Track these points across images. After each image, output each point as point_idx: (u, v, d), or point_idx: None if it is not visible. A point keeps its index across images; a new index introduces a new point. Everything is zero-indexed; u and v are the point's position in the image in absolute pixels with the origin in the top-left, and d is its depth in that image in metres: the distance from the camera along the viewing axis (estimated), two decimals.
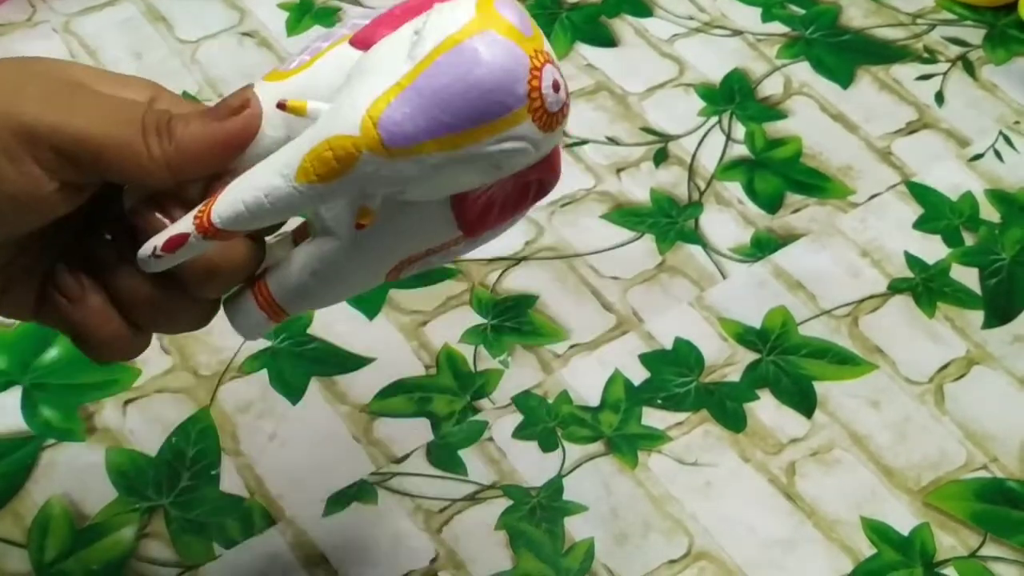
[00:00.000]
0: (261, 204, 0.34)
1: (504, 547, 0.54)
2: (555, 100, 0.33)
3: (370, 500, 0.55)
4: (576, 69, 0.74)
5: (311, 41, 0.37)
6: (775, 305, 0.63)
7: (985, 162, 0.70)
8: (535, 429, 0.58)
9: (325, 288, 0.38)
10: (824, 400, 0.59)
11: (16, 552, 0.53)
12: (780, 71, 0.74)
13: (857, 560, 0.54)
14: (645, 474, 0.57)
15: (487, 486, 0.56)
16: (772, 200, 0.68)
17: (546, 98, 0.33)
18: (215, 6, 0.76)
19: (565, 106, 0.34)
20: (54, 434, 0.57)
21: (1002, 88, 0.74)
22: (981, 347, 0.62)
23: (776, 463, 0.57)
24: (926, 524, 0.55)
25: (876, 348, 0.62)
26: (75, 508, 0.54)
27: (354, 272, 0.38)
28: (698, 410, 0.59)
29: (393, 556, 0.53)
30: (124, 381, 0.58)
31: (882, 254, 0.66)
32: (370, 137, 0.32)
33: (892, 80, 0.74)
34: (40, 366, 0.59)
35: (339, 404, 0.58)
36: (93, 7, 0.75)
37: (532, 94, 0.33)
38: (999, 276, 0.65)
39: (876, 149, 0.71)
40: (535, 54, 0.33)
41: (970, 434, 0.59)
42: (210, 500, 0.55)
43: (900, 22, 0.78)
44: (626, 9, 0.77)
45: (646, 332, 0.62)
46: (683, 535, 0.55)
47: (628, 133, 0.70)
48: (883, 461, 0.58)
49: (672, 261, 0.65)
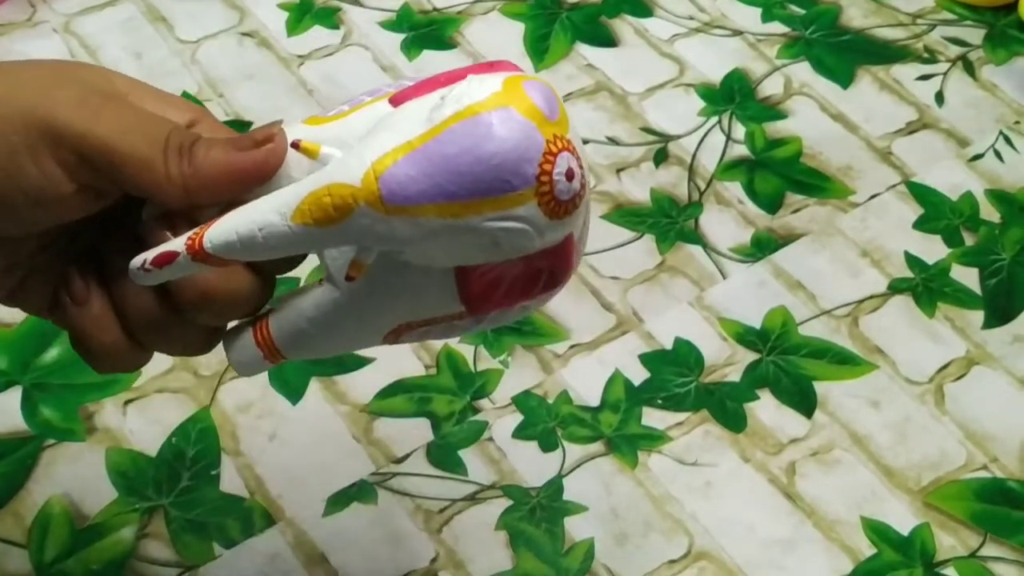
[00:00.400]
0: (254, 237, 0.34)
1: (504, 547, 0.54)
2: (566, 188, 0.33)
3: (370, 500, 0.55)
4: (576, 69, 0.74)
5: (358, 94, 0.37)
6: (775, 305, 0.63)
7: (985, 162, 0.70)
8: (535, 429, 0.58)
9: (320, 337, 0.38)
10: (824, 400, 0.59)
11: (16, 552, 0.53)
12: (780, 71, 0.74)
13: (857, 560, 0.54)
14: (645, 474, 0.57)
15: (487, 486, 0.56)
16: (772, 200, 0.68)
17: (556, 184, 0.33)
18: (215, 6, 0.76)
19: (578, 197, 0.34)
20: (54, 434, 0.57)
21: (1002, 88, 0.74)
22: (981, 347, 0.62)
23: (776, 463, 0.57)
24: (926, 524, 0.55)
25: (876, 348, 0.62)
26: (75, 508, 0.54)
27: (350, 327, 0.37)
28: (698, 410, 0.59)
29: (393, 556, 0.53)
30: (124, 381, 0.58)
31: (882, 254, 0.66)
32: (369, 191, 0.32)
33: (892, 80, 0.74)
34: (40, 366, 0.59)
35: (339, 404, 0.58)
36: (93, 7, 0.75)
37: (542, 178, 0.33)
38: (999, 276, 0.65)
39: (876, 149, 0.71)
40: (554, 139, 0.33)
41: (970, 434, 0.59)
42: (210, 500, 0.55)
43: (900, 22, 0.78)
44: (626, 9, 0.77)
45: (646, 332, 0.62)
46: (683, 535, 0.55)
47: (628, 133, 0.70)
48: (883, 461, 0.58)
49: (672, 261, 0.65)
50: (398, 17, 0.75)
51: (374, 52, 0.73)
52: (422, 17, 0.76)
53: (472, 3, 0.77)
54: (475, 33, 0.75)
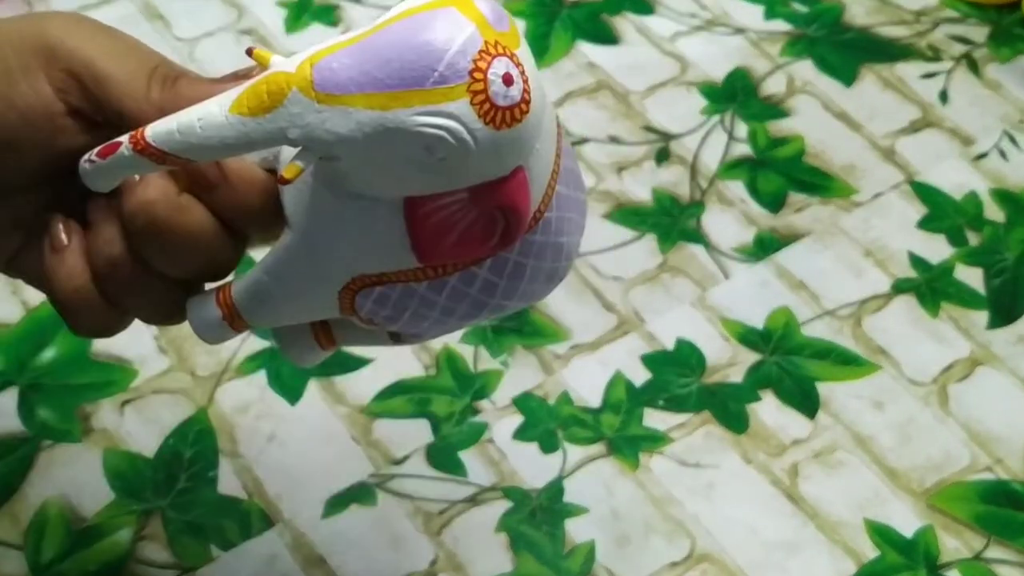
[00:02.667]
0: (192, 127, 0.33)
1: (504, 549, 0.54)
2: (502, 91, 0.32)
3: (369, 502, 0.55)
4: (577, 67, 0.73)
5: None
6: (778, 305, 0.63)
7: (989, 161, 0.70)
8: (536, 430, 0.57)
9: (276, 288, 0.37)
10: (827, 401, 0.59)
11: (12, 554, 0.53)
12: (783, 69, 0.74)
13: (860, 562, 0.54)
14: (646, 476, 0.56)
15: (487, 488, 0.55)
16: (775, 199, 0.67)
17: (490, 84, 0.32)
18: (213, 4, 0.76)
19: (518, 109, 0.33)
20: (51, 435, 0.56)
21: (1006, 86, 0.74)
22: (985, 347, 0.62)
23: (779, 465, 0.57)
24: (930, 526, 0.55)
25: (879, 349, 0.61)
26: (72, 510, 0.54)
27: (303, 274, 0.37)
28: (700, 411, 0.58)
29: (392, 558, 0.53)
30: (121, 382, 0.58)
31: (885, 254, 0.65)
32: (302, 76, 0.32)
33: (896, 78, 0.74)
34: (37, 366, 0.58)
35: (338, 405, 0.58)
36: (90, 5, 0.75)
37: (475, 74, 0.32)
38: (1004, 276, 0.64)
39: (880, 148, 0.70)
40: (495, 43, 0.32)
41: (974, 435, 0.58)
42: (208, 502, 0.55)
43: (904, 20, 0.77)
44: (628, 7, 0.77)
45: (648, 332, 0.61)
46: (685, 537, 0.54)
47: (630, 132, 0.70)
48: (886, 463, 0.57)
49: (674, 261, 0.64)
50: None
51: None
52: None
53: None
54: None
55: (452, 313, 0.37)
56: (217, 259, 0.38)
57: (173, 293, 0.39)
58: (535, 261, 0.37)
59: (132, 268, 0.38)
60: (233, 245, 0.38)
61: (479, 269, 0.37)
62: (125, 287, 0.38)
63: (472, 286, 0.37)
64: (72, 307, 0.38)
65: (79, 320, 0.39)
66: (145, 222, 0.36)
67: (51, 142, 0.37)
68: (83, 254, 0.38)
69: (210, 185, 0.37)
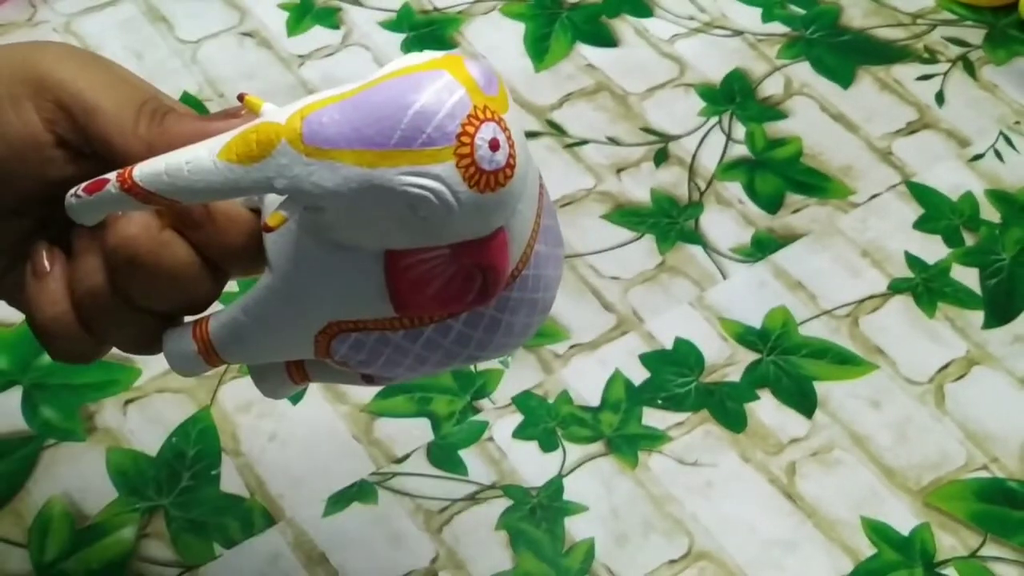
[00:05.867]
0: (180, 169, 0.34)
1: (504, 547, 0.54)
2: (488, 156, 0.32)
3: (370, 500, 0.55)
4: (577, 69, 0.74)
5: None
6: (775, 305, 0.63)
7: (985, 162, 0.70)
8: (535, 429, 0.58)
9: (252, 327, 0.37)
10: (824, 400, 0.59)
11: (16, 552, 0.53)
12: (780, 71, 0.74)
13: (857, 560, 0.54)
14: (645, 474, 0.57)
15: (487, 486, 0.56)
16: (772, 200, 0.68)
17: (477, 148, 0.32)
18: (215, 6, 0.76)
19: (502, 173, 0.33)
20: (55, 434, 0.57)
21: (1002, 88, 0.74)
22: (981, 347, 0.62)
23: (776, 463, 0.57)
24: (926, 524, 0.55)
25: (876, 348, 0.62)
26: (75, 508, 0.54)
27: (280, 316, 0.37)
28: (698, 410, 0.59)
29: (393, 556, 0.53)
30: (124, 381, 0.58)
31: (882, 254, 0.66)
32: (291, 128, 0.32)
33: (893, 80, 0.74)
34: (41, 366, 0.59)
35: (339, 404, 0.58)
36: (94, 7, 0.75)
37: (462, 138, 0.32)
38: (999, 276, 0.65)
39: (876, 149, 0.71)
40: (483, 107, 0.32)
41: (970, 434, 0.59)
42: (210, 500, 0.55)
43: (900, 22, 0.78)
44: (626, 9, 0.77)
45: (646, 332, 0.62)
46: (683, 535, 0.55)
47: (628, 133, 0.70)
48: (883, 461, 0.58)
49: (672, 261, 0.65)
50: (398, 17, 0.75)
51: (374, 52, 0.73)
52: (422, 17, 0.76)
53: (472, 3, 0.77)
54: (475, 33, 0.75)
55: (425, 361, 0.38)
56: (197, 294, 0.38)
57: (151, 325, 0.39)
58: (510, 316, 0.37)
59: (112, 299, 0.37)
60: (213, 281, 0.38)
61: (455, 321, 0.37)
62: (104, 317, 0.38)
63: (447, 337, 0.37)
64: (50, 333, 0.38)
65: (56, 346, 0.39)
66: (126, 257, 0.36)
67: (39, 172, 0.37)
68: (65, 281, 0.38)
69: (195, 223, 0.37)
